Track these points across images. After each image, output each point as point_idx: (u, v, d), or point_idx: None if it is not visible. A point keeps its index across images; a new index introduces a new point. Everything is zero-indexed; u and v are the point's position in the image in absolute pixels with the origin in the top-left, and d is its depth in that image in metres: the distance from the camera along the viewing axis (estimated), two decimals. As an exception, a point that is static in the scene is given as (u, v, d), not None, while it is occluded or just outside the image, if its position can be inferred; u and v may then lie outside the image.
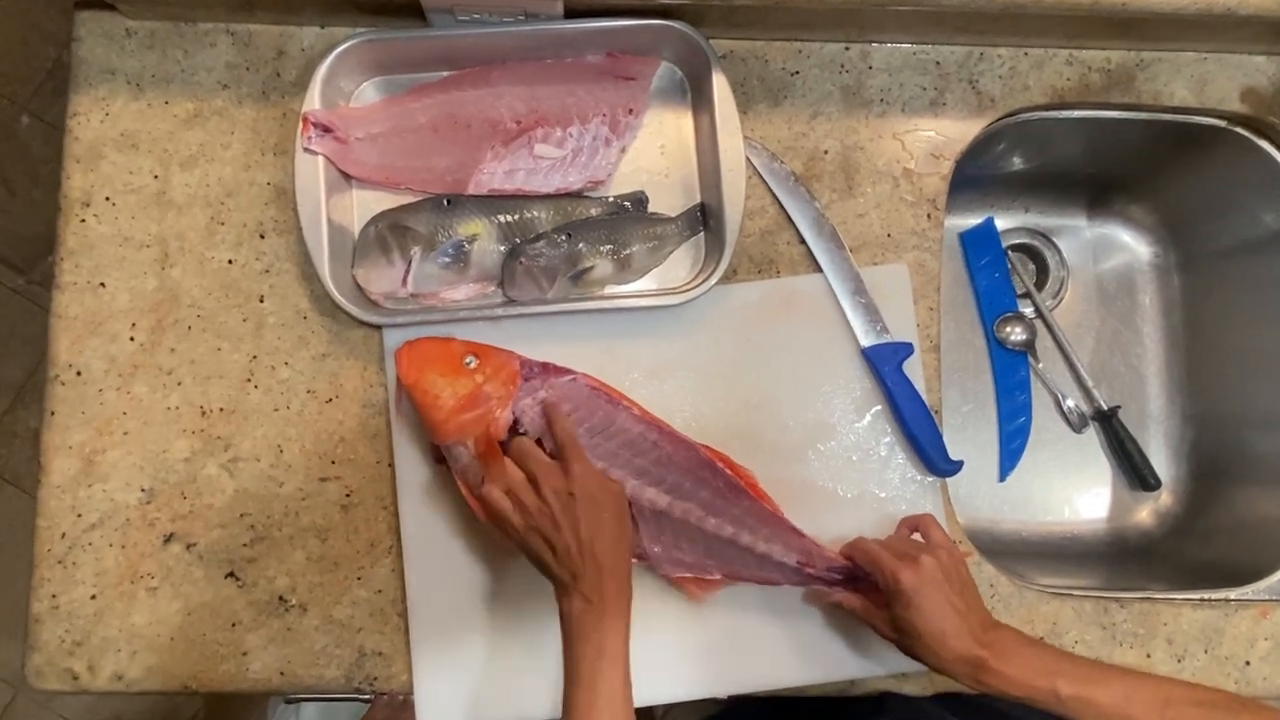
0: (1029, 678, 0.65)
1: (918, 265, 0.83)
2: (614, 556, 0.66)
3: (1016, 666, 0.65)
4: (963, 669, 0.67)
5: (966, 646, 0.66)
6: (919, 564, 0.68)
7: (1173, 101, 0.86)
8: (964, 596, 0.69)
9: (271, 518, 0.78)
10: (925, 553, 0.69)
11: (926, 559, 0.69)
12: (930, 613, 0.67)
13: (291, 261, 0.80)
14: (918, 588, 0.67)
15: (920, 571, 0.68)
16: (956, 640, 0.66)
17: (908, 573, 0.68)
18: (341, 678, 0.78)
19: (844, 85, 0.84)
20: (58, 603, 0.77)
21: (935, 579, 0.68)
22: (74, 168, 0.80)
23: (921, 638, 0.67)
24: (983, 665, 0.65)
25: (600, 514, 0.66)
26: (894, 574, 0.68)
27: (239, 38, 0.82)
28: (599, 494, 0.67)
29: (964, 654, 0.66)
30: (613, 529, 0.67)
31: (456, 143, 0.79)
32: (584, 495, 0.66)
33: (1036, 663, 0.66)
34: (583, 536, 0.65)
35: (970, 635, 0.67)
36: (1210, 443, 1.00)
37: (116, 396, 0.78)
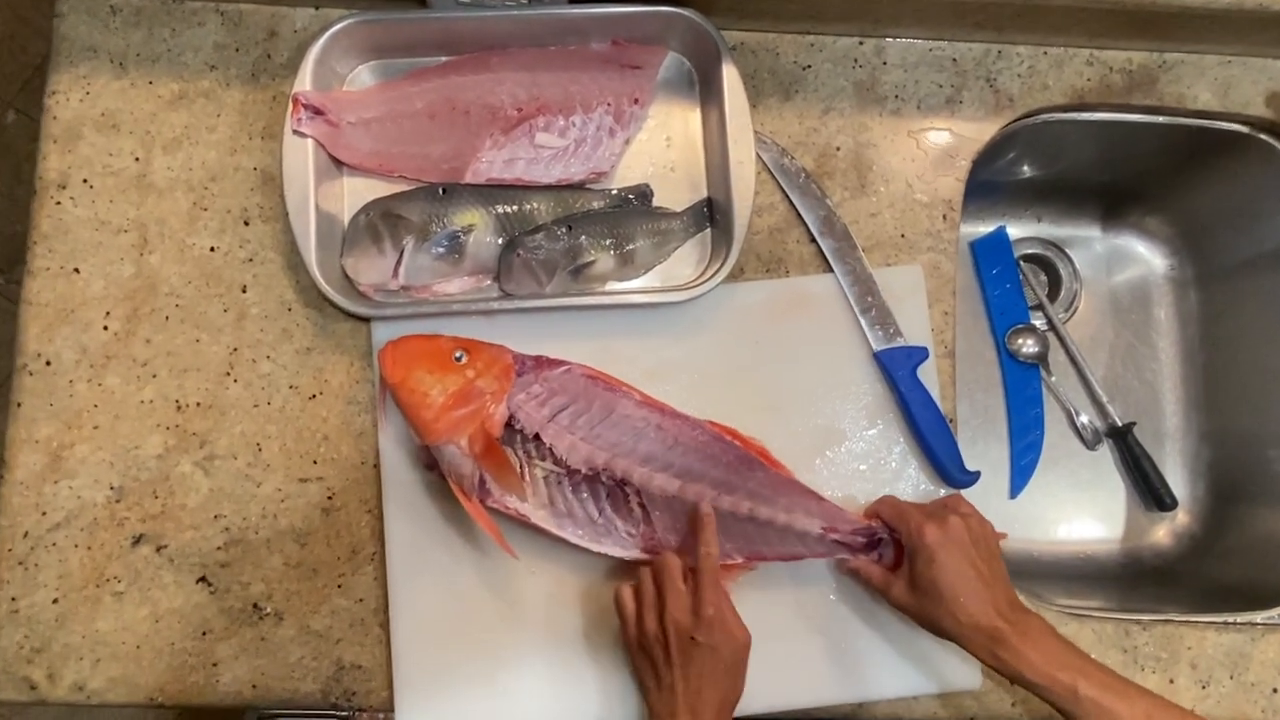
0: (1050, 667, 0.62)
1: (932, 267, 0.80)
2: (716, 712, 0.63)
3: (1040, 652, 0.62)
4: (980, 639, 0.64)
5: (988, 616, 0.63)
6: (946, 522, 0.66)
7: (1195, 105, 0.83)
8: (990, 565, 0.66)
9: (248, 520, 0.74)
10: (956, 514, 0.67)
11: (955, 519, 0.67)
12: (953, 572, 0.64)
13: (277, 250, 0.76)
14: (942, 543, 0.65)
15: (947, 529, 0.66)
16: (977, 607, 0.64)
17: (933, 528, 0.66)
18: (318, 692, 0.73)
19: (857, 81, 0.81)
20: (17, 606, 0.72)
21: (961, 539, 0.66)
22: (50, 148, 0.76)
23: (941, 599, 0.64)
24: (1003, 640, 0.63)
25: (716, 666, 0.64)
26: (919, 528, 0.66)
27: (229, 17, 0.78)
28: (722, 646, 0.64)
29: (984, 623, 0.63)
30: (724, 684, 0.64)
31: (454, 129, 0.76)
32: (707, 643, 0.63)
33: (1062, 655, 0.63)
34: (691, 684, 0.63)
35: (993, 606, 0.64)
36: (1229, 461, 0.96)
37: (87, 388, 0.74)
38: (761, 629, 0.73)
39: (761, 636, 0.73)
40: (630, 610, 0.67)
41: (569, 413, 0.69)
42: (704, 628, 0.64)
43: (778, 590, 0.74)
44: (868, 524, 0.71)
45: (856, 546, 0.71)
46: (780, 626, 0.74)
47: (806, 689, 0.73)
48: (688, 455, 0.70)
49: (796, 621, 0.74)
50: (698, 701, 0.63)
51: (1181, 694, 0.76)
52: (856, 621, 0.74)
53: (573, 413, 0.69)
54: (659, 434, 0.70)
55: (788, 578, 0.74)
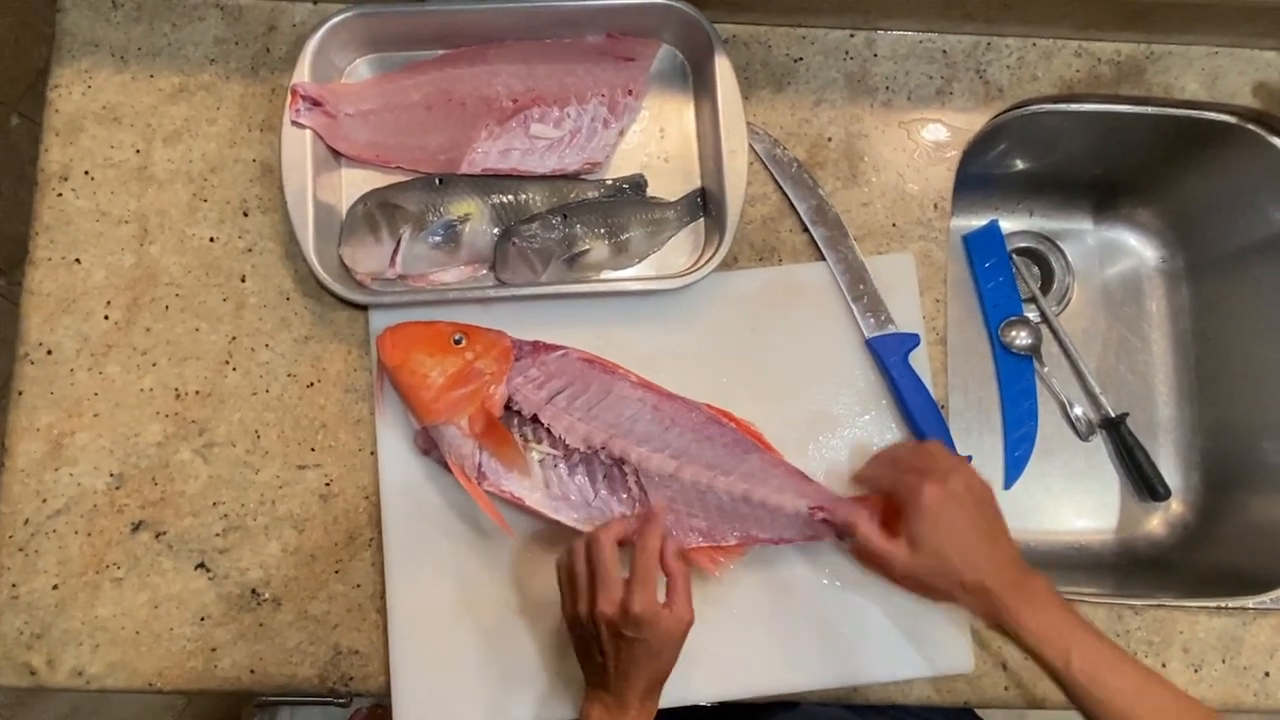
0: (1046, 633, 0.61)
1: (924, 256, 0.80)
2: (645, 692, 0.64)
3: (1038, 618, 0.62)
4: (981, 602, 0.63)
5: (987, 576, 0.62)
6: (946, 481, 0.64)
7: (1183, 95, 0.84)
8: (991, 525, 0.64)
9: (246, 506, 0.74)
10: (955, 472, 0.65)
11: (955, 477, 0.64)
12: (952, 531, 0.63)
13: (275, 240, 0.77)
14: (943, 501, 0.63)
15: (947, 488, 0.64)
16: (982, 568, 0.62)
17: (933, 488, 0.63)
18: (315, 677, 0.73)
19: (848, 72, 0.82)
20: (17, 592, 0.73)
21: (963, 498, 0.64)
22: (53, 140, 0.77)
23: (939, 559, 0.63)
24: (1003, 604, 0.62)
25: (643, 654, 0.62)
26: (917, 489, 0.64)
27: (229, 12, 0.79)
28: (652, 638, 0.62)
29: (987, 585, 0.62)
30: (651, 668, 0.63)
31: (450, 120, 0.77)
32: (634, 636, 0.62)
33: (1060, 623, 0.62)
34: (619, 668, 0.63)
35: (993, 566, 0.62)
36: (1221, 451, 0.97)
37: (88, 377, 0.75)
38: (755, 613, 0.74)
39: (755, 621, 0.74)
40: (563, 580, 0.66)
41: (566, 394, 0.70)
42: (631, 624, 0.61)
43: (771, 575, 0.74)
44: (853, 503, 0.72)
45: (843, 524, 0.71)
46: (774, 611, 0.74)
47: (800, 673, 0.74)
48: (684, 436, 0.71)
49: (790, 606, 0.74)
50: (624, 686, 0.63)
51: (1174, 677, 0.76)
52: (850, 605, 0.75)
53: (570, 394, 0.70)
54: (656, 415, 0.71)
55: (781, 562, 0.74)
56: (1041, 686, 0.76)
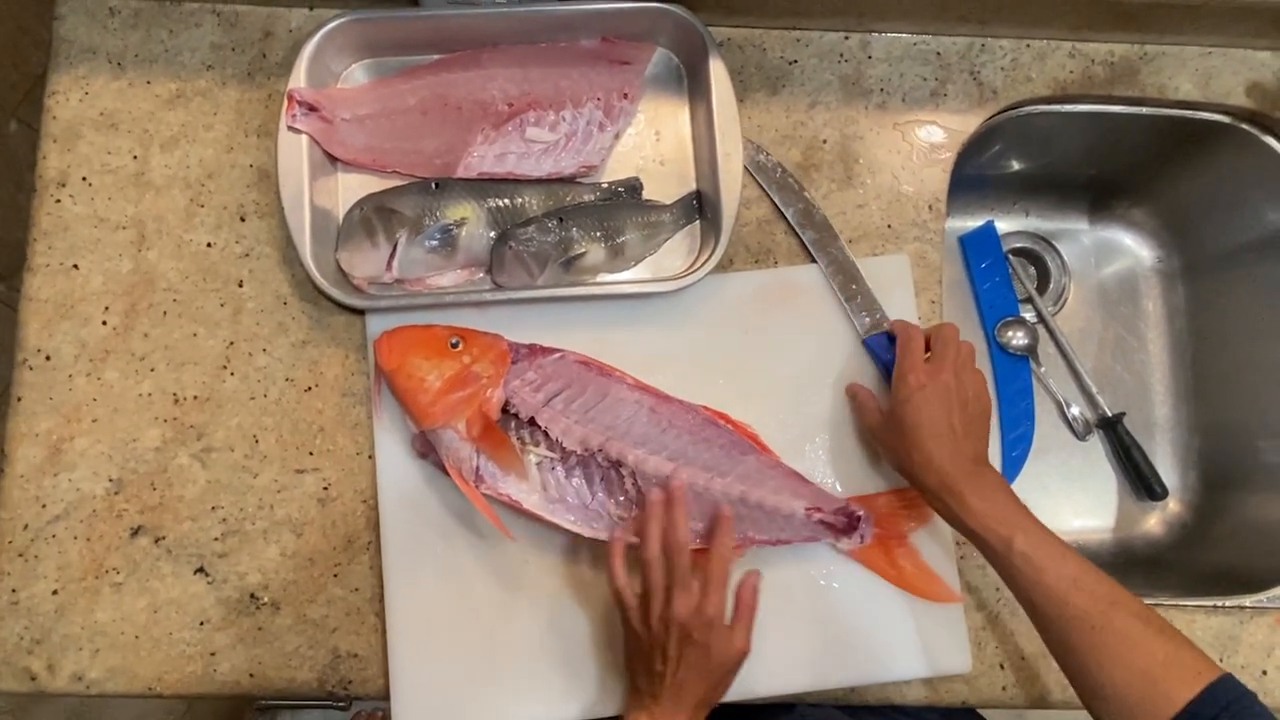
0: (990, 519, 0.63)
1: (919, 257, 0.81)
2: (697, 707, 0.65)
3: (985, 504, 0.64)
4: (933, 484, 0.66)
5: (944, 460, 0.65)
6: (940, 373, 0.67)
7: (1177, 96, 0.84)
8: (966, 424, 0.67)
9: (244, 511, 0.75)
10: (954, 370, 0.68)
11: (948, 375, 0.67)
12: (925, 417, 0.66)
13: (272, 245, 0.77)
14: (923, 388, 0.67)
15: (936, 378, 0.67)
16: (939, 455, 0.65)
17: (921, 374, 0.67)
18: (314, 680, 0.74)
19: (843, 75, 0.83)
20: (17, 598, 0.73)
21: (946, 391, 0.67)
22: (50, 147, 0.78)
23: (904, 438, 0.67)
24: (952, 489, 0.65)
25: (707, 668, 0.64)
26: (910, 369, 0.67)
27: (225, 18, 0.80)
28: (717, 650, 0.64)
29: (942, 470, 0.65)
30: (708, 683, 0.65)
31: (446, 125, 0.77)
32: (703, 643, 0.64)
33: (1006, 510, 0.64)
34: (680, 677, 0.64)
35: (950, 455, 0.65)
36: (1218, 451, 0.97)
37: (86, 382, 0.75)
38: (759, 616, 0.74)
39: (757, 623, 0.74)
40: (629, 595, 0.67)
41: (563, 397, 0.70)
42: (703, 627, 0.64)
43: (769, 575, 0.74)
44: (848, 505, 0.72)
45: (839, 526, 0.72)
46: (771, 612, 0.74)
47: (798, 674, 0.74)
48: (681, 438, 0.71)
49: (787, 606, 0.74)
50: (681, 692, 0.64)
51: (1171, 676, 0.76)
52: (847, 606, 0.75)
53: (567, 397, 0.70)
54: (652, 417, 0.71)
55: (777, 562, 0.75)
56: (1039, 685, 0.76)
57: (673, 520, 0.66)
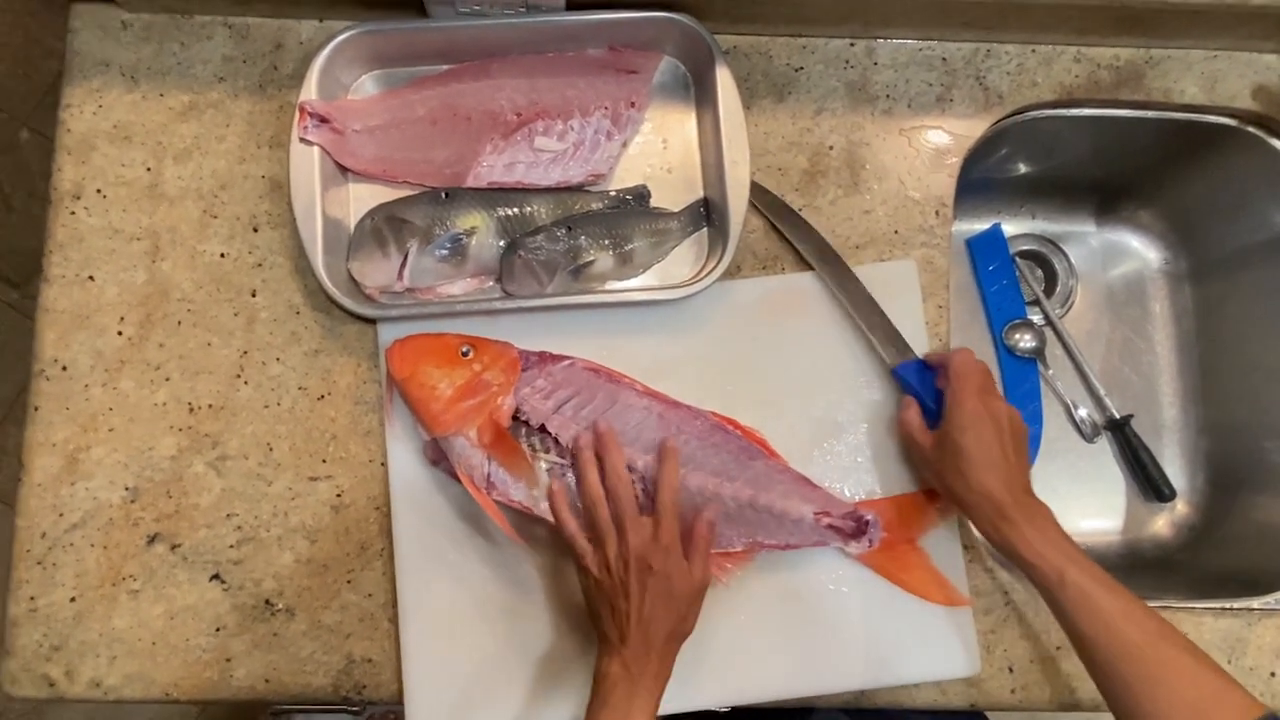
0: (1044, 547, 0.64)
1: (926, 262, 0.81)
2: (667, 641, 0.65)
3: (1038, 533, 0.65)
4: (987, 509, 0.66)
5: (1000, 490, 0.66)
6: (993, 402, 0.69)
7: (1183, 99, 0.84)
8: (1017, 454, 0.68)
9: (259, 518, 0.76)
10: (1002, 401, 0.70)
11: (1001, 404, 0.69)
12: (982, 442, 0.67)
13: (285, 255, 0.78)
14: (982, 416, 0.68)
15: (990, 407, 0.68)
16: (993, 479, 0.66)
17: (979, 402, 0.68)
18: (329, 686, 0.75)
19: (849, 81, 0.83)
20: (35, 605, 0.74)
21: (1000, 420, 0.68)
22: (65, 160, 0.79)
23: (962, 461, 0.67)
24: (1007, 515, 0.65)
25: (670, 597, 0.65)
26: (965, 394, 0.68)
27: (236, 30, 0.81)
28: (677, 578, 0.65)
29: (995, 495, 0.66)
30: (674, 614, 0.65)
31: (455, 135, 0.78)
32: (662, 572, 0.65)
33: (1058, 541, 0.65)
34: (645, 611, 0.64)
35: (1005, 484, 0.66)
36: (1227, 452, 0.97)
37: (102, 392, 0.76)
38: (763, 619, 0.75)
39: (763, 626, 0.75)
40: (582, 542, 0.67)
41: (573, 404, 0.71)
42: (660, 554, 0.65)
43: (778, 581, 0.75)
44: (856, 509, 0.73)
45: (847, 531, 0.72)
46: (782, 616, 0.75)
47: (808, 678, 0.74)
48: (690, 444, 0.72)
49: (797, 611, 0.75)
50: (650, 627, 0.64)
51: (1180, 679, 0.77)
52: (856, 610, 0.75)
53: (577, 404, 0.71)
54: (661, 423, 0.72)
55: (786, 567, 0.75)
56: (1048, 689, 0.76)
57: (609, 461, 0.68)
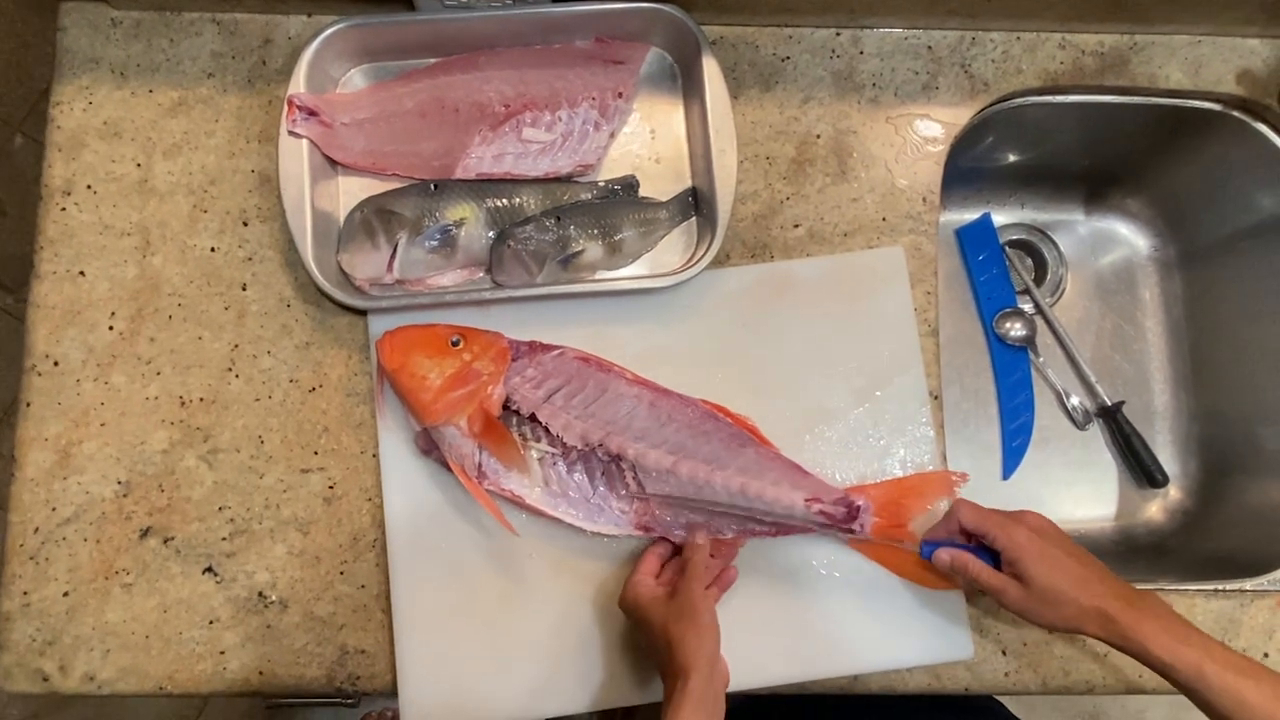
0: (1175, 644, 0.62)
1: (914, 249, 0.81)
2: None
3: (1163, 634, 0.63)
4: (1101, 622, 0.64)
5: (1103, 599, 0.64)
6: (1028, 523, 0.68)
7: (1168, 85, 0.85)
8: (1079, 553, 0.67)
9: (251, 511, 0.76)
10: (1024, 514, 0.69)
11: (1032, 517, 0.69)
12: (1057, 563, 0.66)
13: (275, 249, 0.79)
14: (1037, 538, 0.67)
15: (1037, 529, 0.68)
16: (1089, 593, 0.65)
17: (1026, 531, 0.67)
18: (323, 677, 0.75)
19: (835, 70, 0.83)
20: (29, 600, 0.74)
21: (1048, 532, 0.68)
22: (55, 156, 0.79)
23: (1060, 593, 0.65)
24: (1122, 621, 0.63)
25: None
26: (1012, 533, 0.67)
27: (225, 26, 0.81)
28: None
29: (1104, 608, 0.64)
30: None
31: (444, 127, 0.78)
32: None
33: (1184, 633, 0.63)
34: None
35: (1106, 588, 0.65)
36: (1218, 437, 0.98)
37: (94, 387, 0.76)
38: (755, 606, 0.75)
39: (754, 613, 0.75)
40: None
41: (563, 393, 0.71)
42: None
43: (768, 566, 0.75)
44: (847, 495, 0.73)
45: (838, 517, 0.72)
46: (773, 603, 0.75)
47: (800, 663, 0.75)
48: (680, 432, 0.72)
49: (787, 597, 0.75)
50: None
51: (1173, 660, 0.77)
52: (847, 595, 0.75)
53: (567, 393, 0.71)
54: (652, 411, 0.72)
55: (779, 554, 0.75)
56: (1041, 671, 0.76)
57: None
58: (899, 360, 0.79)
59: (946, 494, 0.77)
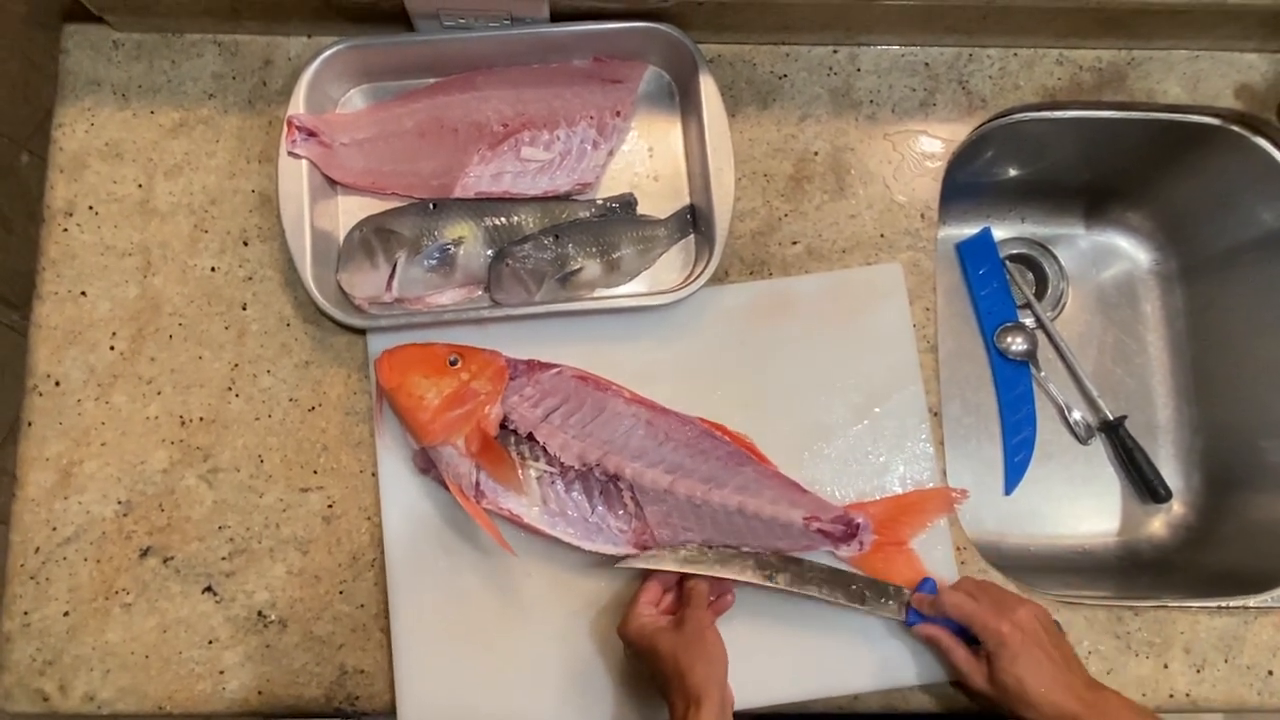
0: None
1: (912, 265, 0.81)
2: None
3: None
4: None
5: (1067, 700, 0.64)
6: (1018, 617, 0.67)
7: (1166, 100, 0.85)
8: (1061, 650, 0.67)
9: (251, 530, 0.76)
10: (1019, 605, 0.68)
11: (1024, 612, 0.68)
12: (1031, 663, 0.66)
13: (275, 268, 0.79)
14: (1023, 642, 0.66)
15: (1022, 625, 0.67)
16: (1058, 696, 0.65)
17: (1011, 627, 0.67)
18: (322, 697, 0.74)
19: (832, 88, 0.84)
20: (29, 620, 0.74)
21: (1037, 633, 0.67)
22: (58, 178, 0.80)
23: (1024, 693, 0.65)
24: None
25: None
26: (997, 627, 0.67)
27: (226, 48, 0.82)
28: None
29: (1064, 707, 0.64)
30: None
31: (442, 147, 0.79)
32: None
33: None
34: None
35: (1071, 690, 0.65)
36: (1222, 451, 0.97)
37: (95, 407, 0.77)
38: (755, 625, 0.75)
39: (755, 632, 0.74)
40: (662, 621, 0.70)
41: (561, 412, 0.71)
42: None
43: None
44: (846, 512, 0.73)
45: (837, 535, 0.72)
46: (774, 621, 0.75)
47: (801, 682, 0.74)
48: (678, 451, 0.72)
49: (787, 615, 0.75)
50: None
51: (1176, 678, 0.76)
52: (847, 615, 0.75)
53: (564, 412, 0.71)
54: (649, 430, 0.72)
55: (778, 571, 0.75)
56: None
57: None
58: (898, 377, 0.79)
59: (946, 510, 0.77)
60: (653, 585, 0.71)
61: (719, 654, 0.66)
